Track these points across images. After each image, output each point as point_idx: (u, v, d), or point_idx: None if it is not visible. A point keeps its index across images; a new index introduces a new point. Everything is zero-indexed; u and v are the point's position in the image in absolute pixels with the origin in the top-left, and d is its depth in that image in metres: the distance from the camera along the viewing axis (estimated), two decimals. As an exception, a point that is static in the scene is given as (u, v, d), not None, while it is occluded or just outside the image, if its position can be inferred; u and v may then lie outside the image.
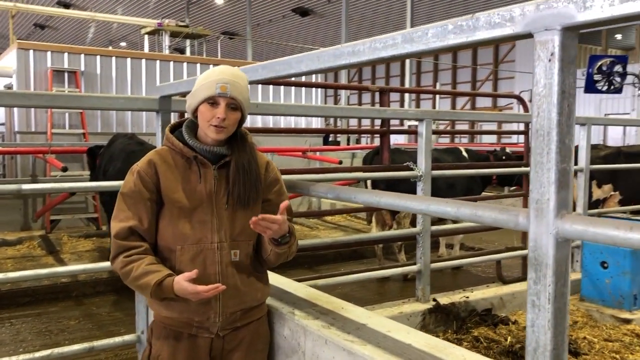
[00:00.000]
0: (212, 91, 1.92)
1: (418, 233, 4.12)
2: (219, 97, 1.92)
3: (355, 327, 1.89)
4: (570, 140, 1.25)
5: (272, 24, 28.69)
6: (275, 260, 2.05)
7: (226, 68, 2.01)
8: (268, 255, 2.03)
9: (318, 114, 4.37)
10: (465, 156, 7.04)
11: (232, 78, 1.95)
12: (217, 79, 1.93)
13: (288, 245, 2.00)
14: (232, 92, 1.92)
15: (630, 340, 4.03)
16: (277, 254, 2.01)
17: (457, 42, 1.44)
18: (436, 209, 1.55)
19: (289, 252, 2.03)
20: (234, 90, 1.93)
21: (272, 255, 2.02)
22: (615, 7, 1.09)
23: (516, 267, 6.01)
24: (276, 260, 2.05)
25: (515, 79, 28.12)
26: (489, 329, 4.14)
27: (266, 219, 1.86)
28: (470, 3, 24.07)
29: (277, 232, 1.91)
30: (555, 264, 1.25)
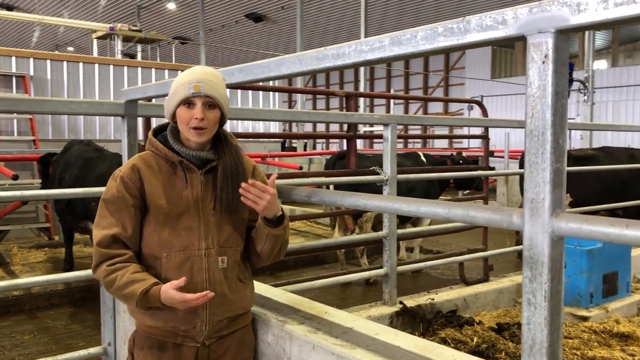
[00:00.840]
0: (185, 92, 1.87)
1: (385, 236, 4.14)
2: (193, 98, 1.87)
3: (341, 331, 1.88)
4: (564, 141, 1.28)
5: (226, 29, 28.49)
6: (270, 251, 1.99)
7: (198, 68, 1.97)
8: (263, 246, 1.98)
9: (286, 118, 4.35)
10: (423, 160, 7.15)
11: (205, 76, 1.89)
12: (189, 79, 1.88)
13: (283, 227, 1.96)
14: (206, 90, 1.87)
15: (588, 337, 4.15)
16: (273, 239, 1.95)
17: (447, 45, 1.45)
18: (427, 210, 1.55)
19: (284, 238, 1.99)
20: (209, 88, 1.88)
21: (267, 244, 1.96)
22: (609, 11, 1.12)
23: (476, 268, 6.13)
24: (271, 250, 1.99)
25: (466, 85, 28.85)
26: (455, 330, 4.19)
27: (256, 185, 1.83)
28: (421, 13, 24.56)
29: (269, 208, 1.88)
30: (550, 262, 1.27)
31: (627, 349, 3.91)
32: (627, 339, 4.06)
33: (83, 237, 7.68)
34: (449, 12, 24.21)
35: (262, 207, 1.88)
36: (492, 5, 22.61)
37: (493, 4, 22.54)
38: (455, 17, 1.54)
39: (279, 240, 1.98)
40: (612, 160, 7.49)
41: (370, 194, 1.82)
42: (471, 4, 23.30)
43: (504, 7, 1.31)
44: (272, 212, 1.91)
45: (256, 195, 1.85)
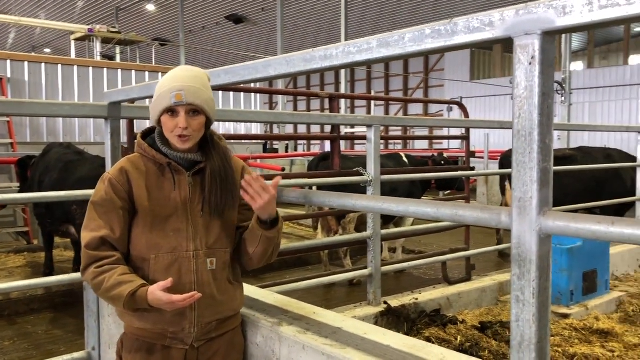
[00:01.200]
0: (167, 102, 1.84)
1: (369, 237, 4.16)
2: (176, 107, 1.85)
3: (331, 331, 1.88)
4: (550, 140, 1.30)
5: (206, 30, 28.35)
6: (263, 254, 1.98)
7: (180, 72, 1.92)
8: (256, 248, 1.97)
9: (270, 120, 4.35)
10: (405, 161, 7.20)
11: (186, 82, 1.86)
12: (170, 88, 1.84)
13: (277, 229, 1.95)
14: (188, 98, 1.83)
15: (569, 334, 4.21)
16: (266, 241, 1.94)
17: (434, 47, 1.46)
18: (416, 210, 1.57)
19: (277, 240, 1.98)
20: (190, 96, 1.84)
21: (260, 246, 1.95)
22: (594, 13, 1.14)
23: (458, 268, 6.19)
24: (264, 253, 1.98)
25: (445, 86, 29.09)
26: (439, 330, 4.22)
27: (260, 181, 1.83)
28: (399, 15, 24.72)
29: (266, 208, 1.88)
30: (539, 259, 1.29)
31: (607, 345, 3.97)
32: (607, 335, 4.13)
33: (63, 241, 7.59)
34: (427, 15, 24.42)
35: (259, 205, 1.87)
36: (469, 8, 22.86)
37: (470, 8, 22.79)
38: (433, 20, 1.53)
39: (272, 242, 1.97)
40: (589, 160, 7.62)
41: (360, 194, 1.83)
42: (448, 8, 23.53)
43: (482, 10, 1.34)
44: (268, 213, 1.90)
45: (257, 191, 1.85)
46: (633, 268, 6.12)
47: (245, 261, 2.06)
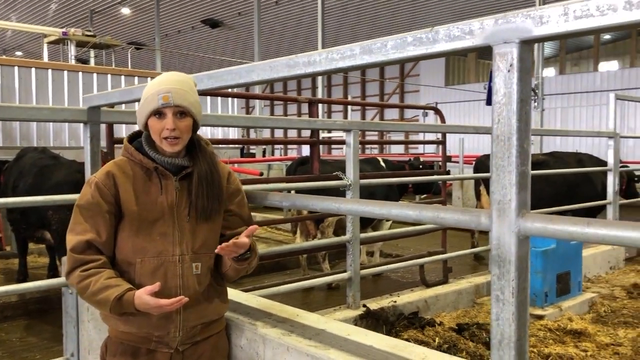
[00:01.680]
0: (155, 104, 1.86)
1: (348, 241, 4.19)
2: (163, 108, 1.87)
3: (315, 333, 1.91)
4: (528, 145, 1.35)
5: (182, 34, 28.20)
6: (234, 275, 2.04)
7: (166, 76, 1.95)
8: (227, 270, 2.02)
9: (250, 124, 4.36)
10: (383, 166, 7.26)
11: (173, 85, 1.89)
12: (157, 90, 1.87)
13: (248, 262, 2.00)
14: (175, 99, 1.86)
15: (544, 334, 4.29)
16: (235, 270, 2.00)
17: (416, 54, 1.51)
18: (398, 212, 1.61)
19: (248, 267, 2.03)
20: (178, 98, 1.87)
21: (231, 271, 2.01)
22: (569, 23, 1.20)
23: (435, 271, 6.26)
24: (235, 275, 2.03)
25: (420, 92, 29.40)
26: (417, 332, 4.27)
27: (237, 244, 1.86)
28: (377, 21, 24.92)
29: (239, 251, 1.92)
30: (517, 260, 1.34)
31: (580, 345, 4.07)
32: (580, 335, 4.23)
33: (37, 247, 7.46)
34: (404, 22, 24.68)
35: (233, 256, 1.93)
36: (446, 16, 23.18)
37: (447, 16, 23.11)
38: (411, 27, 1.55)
39: (240, 273, 2.03)
40: (561, 165, 7.77)
41: (343, 197, 1.86)
42: (425, 16, 23.82)
43: (458, 18, 1.39)
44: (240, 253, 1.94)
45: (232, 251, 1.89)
46: (604, 270, 6.27)
47: (221, 271, 2.09)
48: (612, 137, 6.47)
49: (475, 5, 22.15)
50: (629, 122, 20.16)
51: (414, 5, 22.77)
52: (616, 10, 1.13)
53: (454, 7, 22.55)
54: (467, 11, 22.62)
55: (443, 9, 22.85)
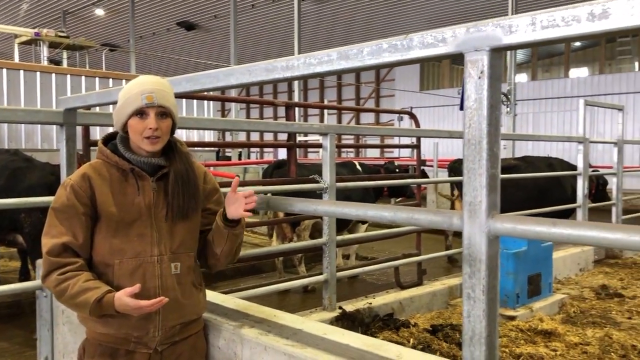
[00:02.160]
0: (138, 103, 1.89)
1: (324, 243, 4.23)
2: (147, 108, 1.89)
3: (292, 333, 1.94)
4: (498, 149, 1.41)
5: (157, 36, 27.95)
6: (229, 251, 2.05)
7: (147, 78, 1.98)
8: (223, 247, 2.04)
9: (227, 127, 4.37)
10: (359, 169, 7.33)
11: (156, 86, 1.92)
12: (141, 90, 1.90)
13: (242, 225, 2.04)
14: (159, 100, 1.90)
15: (515, 335, 4.38)
16: (233, 238, 2.02)
17: (391, 60, 1.56)
18: (374, 214, 1.65)
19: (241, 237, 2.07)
20: (161, 98, 1.91)
21: (227, 244, 2.03)
22: (537, 32, 1.26)
23: (409, 273, 6.34)
24: (230, 250, 2.05)
25: (396, 96, 29.63)
26: (392, 333, 4.33)
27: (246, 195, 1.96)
28: (353, 27, 25.07)
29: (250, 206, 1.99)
30: (488, 259, 1.39)
31: (550, 345, 4.16)
32: (550, 335, 4.33)
33: (7, 250, 7.34)
34: (379, 28, 24.88)
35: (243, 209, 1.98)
36: (419, 25, 23.45)
37: (420, 24, 23.37)
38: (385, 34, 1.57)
39: (238, 239, 2.06)
40: (532, 170, 7.94)
41: (321, 200, 1.90)
42: (399, 23, 24.07)
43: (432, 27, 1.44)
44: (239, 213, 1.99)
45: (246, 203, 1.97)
46: (574, 272, 6.42)
47: (212, 263, 2.11)
48: (581, 142, 6.63)
49: (448, 13, 22.45)
50: (598, 128, 20.63)
51: (389, 12, 22.97)
52: (580, 21, 1.20)
53: (428, 14, 22.82)
54: (440, 18, 22.91)
55: (417, 15, 23.11)
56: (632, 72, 22.67)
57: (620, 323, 4.68)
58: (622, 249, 6.54)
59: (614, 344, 4.08)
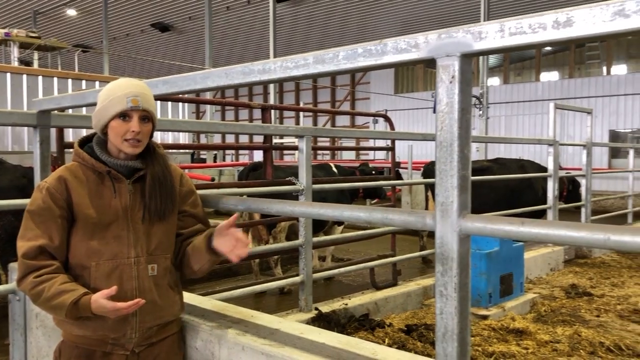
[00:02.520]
0: (123, 105, 1.90)
1: (301, 245, 4.25)
2: (131, 111, 1.91)
3: (269, 332, 1.97)
4: (468, 151, 1.46)
5: (130, 38, 27.68)
6: (206, 270, 2.06)
7: (133, 81, 2.00)
8: (202, 267, 2.04)
9: (203, 129, 4.36)
10: (335, 171, 7.38)
11: (141, 90, 1.94)
12: (127, 93, 1.91)
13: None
14: (143, 104, 1.92)
15: (488, 334, 4.46)
16: (212, 262, 2.02)
17: (366, 65, 1.60)
18: (350, 214, 1.69)
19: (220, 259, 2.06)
20: (145, 102, 1.93)
21: (206, 265, 2.04)
22: (505, 39, 1.31)
23: (384, 274, 6.40)
24: (207, 269, 2.06)
25: (371, 99, 29.81)
26: (367, 333, 4.37)
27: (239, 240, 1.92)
28: (328, 29, 25.17)
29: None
30: (459, 257, 1.44)
31: (521, 343, 4.25)
32: (522, 334, 4.42)
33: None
34: (353, 32, 25.03)
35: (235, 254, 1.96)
36: (394, 29, 23.65)
37: (395, 29, 23.57)
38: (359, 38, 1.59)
39: (217, 261, 2.06)
40: (504, 171, 8.09)
41: (294, 201, 1.93)
42: (374, 28, 24.25)
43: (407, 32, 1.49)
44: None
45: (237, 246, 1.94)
46: (545, 271, 6.56)
47: (186, 272, 2.12)
48: (551, 144, 6.79)
49: (422, 18, 22.69)
50: (568, 130, 21.06)
51: (364, 16, 23.12)
52: (546, 29, 1.25)
53: (402, 19, 23.02)
54: (414, 23, 23.14)
55: (392, 20, 23.30)
56: (601, 77, 23.21)
57: (589, 321, 4.80)
58: (586, 246, 6.71)
59: (583, 341, 4.18)
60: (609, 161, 21.55)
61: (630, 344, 4.15)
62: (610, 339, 4.20)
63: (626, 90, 21.78)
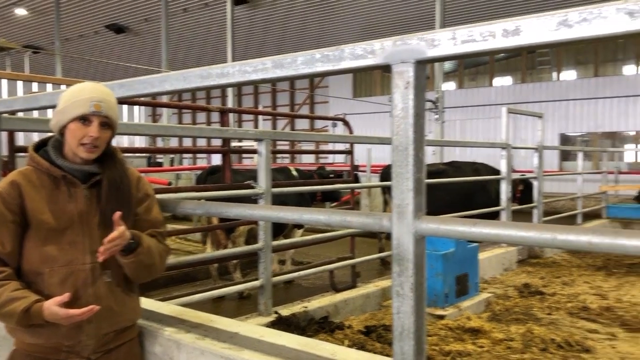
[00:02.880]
0: (85, 109, 1.87)
1: (260, 249, 4.25)
2: (92, 116, 1.89)
3: (228, 336, 1.97)
4: (423, 154, 1.50)
5: (84, 39, 27.01)
6: (133, 274, 1.98)
7: (95, 85, 1.97)
8: (127, 272, 1.99)
9: (161, 133, 4.31)
10: (295, 175, 7.39)
11: (105, 96, 1.92)
12: (90, 97, 1.89)
13: (134, 254, 1.93)
14: (106, 110, 1.90)
15: (445, 333, 4.56)
16: (129, 265, 1.94)
17: (324, 70, 1.63)
18: (309, 217, 1.71)
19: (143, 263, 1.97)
20: (108, 109, 1.91)
21: (128, 269, 1.97)
22: (457, 46, 1.36)
23: (344, 276, 6.45)
24: (135, 273, 1.98)
25: (330, 103, 29.97)
26: (327, 335, 4.40)
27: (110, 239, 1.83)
28: (286, 34, 25.19)
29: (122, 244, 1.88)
30: (415, 258, 1.48)
31: (477, 342, 4.36)
32: (477, 333, 4.53)
33: None
34: (313, 37, 25.12)
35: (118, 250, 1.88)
36: (352, 35, 23.85)
37: (353, 35, 23.78)
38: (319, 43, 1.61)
39: (138, 268, 1.97)
40: (460, 174, 8.27)
41: (254, 204, 1.94)
42: (332, 33, 24.41)
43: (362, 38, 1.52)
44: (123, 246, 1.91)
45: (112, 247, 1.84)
46: (499, 272, 6.74)
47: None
48: (504, 147, 6.98)
49: (380, 23, 22.95)
50: (520, 134, 21.66)
51: (322, 20, 23.25)
52: (495, 37, 1.31)
53: (361, 24, 23.24)
54: (373, 28, 23.37)
55: (350, 25, 23.49)
56: (551, 82, 23.99)
57: (541, 319, 4.96)
58: (534, 246, 6.92)
59: (535, 338, 4.32)
60: (560, 164, 22.28)
61: (580, 340, 4.31)
62: (561, 336, 4.35)
63: (575, 95, 22.59)
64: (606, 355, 4.13)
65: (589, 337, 4.50)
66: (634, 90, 21.52)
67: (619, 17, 1.15)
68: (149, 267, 2.01)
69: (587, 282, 6.38)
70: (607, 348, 4.28)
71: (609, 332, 4.63)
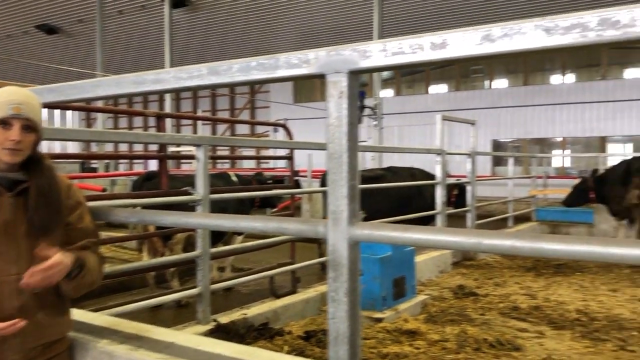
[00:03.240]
0: (4, 112, 1.81)
1: (198, 256, 4.20)
2: (12, 119, 1.82)
3: (164, 346, 1.93)
4: (356, 162, 1.54)
5: (12, 39, 25.84)
6: (72, 293, 1.96)
7: (17, 88, 1.92)
8: (65, 290, 1.94)
9: (94, 138, 4.17)
10: (234, 180, 7.33)
11: (25, 98, 1.87)
12: (10, 100, 1.83)
13: (80, 277, 1.90)
14: (27, 112, 1.84)
15: (383, 336, 4.63)
16: (70, 286, 1.91)
17: (260, 78, 1.64)
18: (246, 225, 1.71)
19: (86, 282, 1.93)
20: (29, 111, 1.85)
21: (66, 289, 1.92)
22: (388, 58, 1.41)
23: (285, 282, 6.45)
24: (75, 292, 1.95)
25: (271, 108, 29.92)
26: (267, 342, 4.39)
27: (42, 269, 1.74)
28: (227, 39, 25.01)
29: (62, 272, 1.81)
30: (349, 263, 1.51)
31: (414, 343, 4.46)
32: (414, 335, 4.63)
33: None
34: (252, 44, 25.05)
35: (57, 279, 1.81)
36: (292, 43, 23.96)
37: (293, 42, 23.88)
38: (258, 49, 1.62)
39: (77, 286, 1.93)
40: (397, 179, 8.44)
41: (193, 212, 1.92)
42: (272, 40, 24.45)
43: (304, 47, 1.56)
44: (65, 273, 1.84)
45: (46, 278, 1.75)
46: (434, 274, 6.92)
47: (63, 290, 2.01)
48: (439, 153, 7.19)
49: (320, 31, 23.14)
50: (455, 140, 22.33)
51: (262, 27, 23.22)
52: (423, 49, 1.36)
53: (301, 31, 23.36)
54: (313, 36, 23.55)
55: (290, 32, 23.58)
56: (484, 90, 24.90)
57: (474, 319, 5.13)
58: (462, 250, 7.15)
59: (469, 338, 4.46)
60: (492, 169, 23.13)
61: (510, 339, 4.49)
62: (493, 335, 4.51)
63: (507, 103, 23.53)
64: (534, 352, 4.32)
65: (519, 335, 4.69)
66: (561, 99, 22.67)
67: (536, 34, 1.22)
68: (90, 285, 1.98)
69: (517, 283, 6.65)
70: (536, 346, 4.47)
71: (537, 331, 4.84)
